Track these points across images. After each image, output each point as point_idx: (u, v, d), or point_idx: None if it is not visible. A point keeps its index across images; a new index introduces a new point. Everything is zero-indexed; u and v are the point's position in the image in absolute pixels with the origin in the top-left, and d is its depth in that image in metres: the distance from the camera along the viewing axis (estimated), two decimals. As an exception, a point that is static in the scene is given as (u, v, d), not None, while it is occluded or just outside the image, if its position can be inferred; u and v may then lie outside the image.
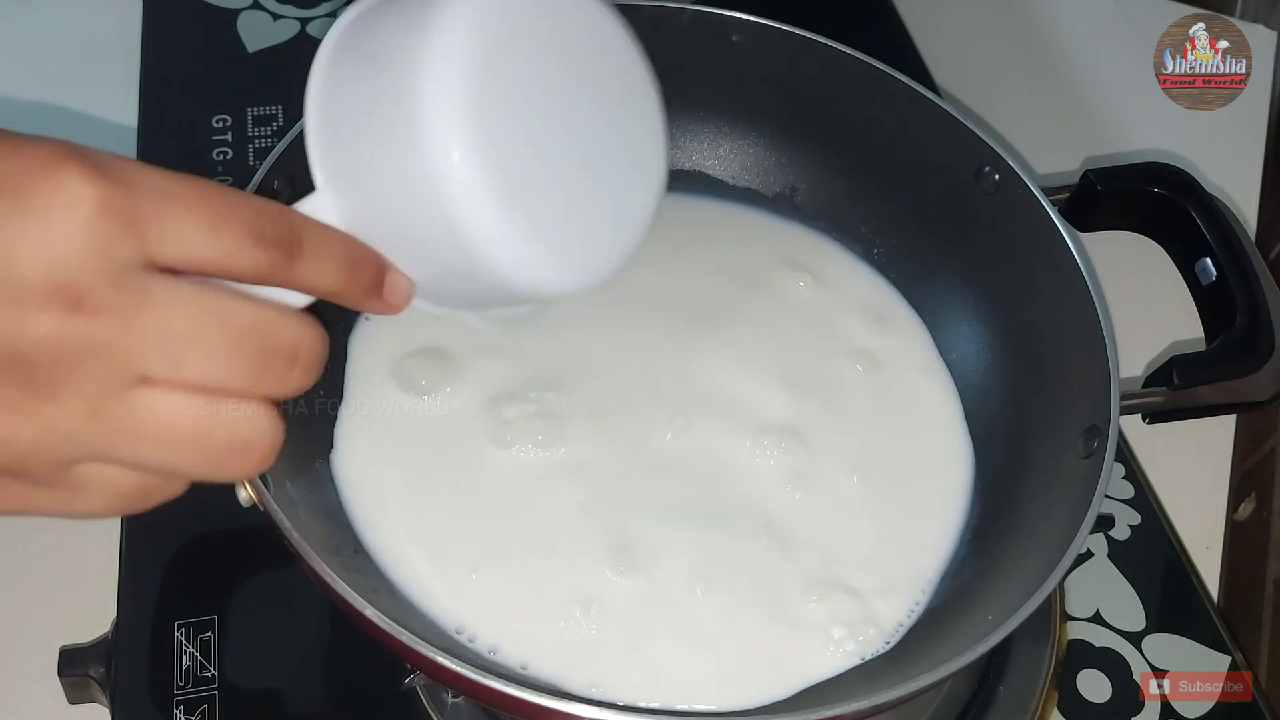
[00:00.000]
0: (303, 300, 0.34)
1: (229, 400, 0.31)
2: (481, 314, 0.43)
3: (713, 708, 0.45)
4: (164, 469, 0.31)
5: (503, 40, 0.35)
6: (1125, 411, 0.47)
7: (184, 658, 0.50)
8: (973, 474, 0.54)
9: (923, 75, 0.78)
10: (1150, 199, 0.54)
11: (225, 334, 0.30)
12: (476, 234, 0.34)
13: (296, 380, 0.32)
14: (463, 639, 0.46)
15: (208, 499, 0.41)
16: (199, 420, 0.30)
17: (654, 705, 0.45)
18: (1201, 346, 0.51)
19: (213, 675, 0.50)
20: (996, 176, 0.55)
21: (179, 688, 0.50)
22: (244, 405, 0.31)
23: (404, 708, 0.50)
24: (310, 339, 0.32)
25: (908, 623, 0.49)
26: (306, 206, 0.35)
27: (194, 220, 0.30)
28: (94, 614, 0.53)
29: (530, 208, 0.35)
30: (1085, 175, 0.55)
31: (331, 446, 0.51)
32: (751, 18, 0.58)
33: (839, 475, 0.53)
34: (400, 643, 0.39)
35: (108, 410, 0.29)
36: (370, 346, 0.54)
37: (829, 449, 0.53)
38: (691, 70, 0.61)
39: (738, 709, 0.45)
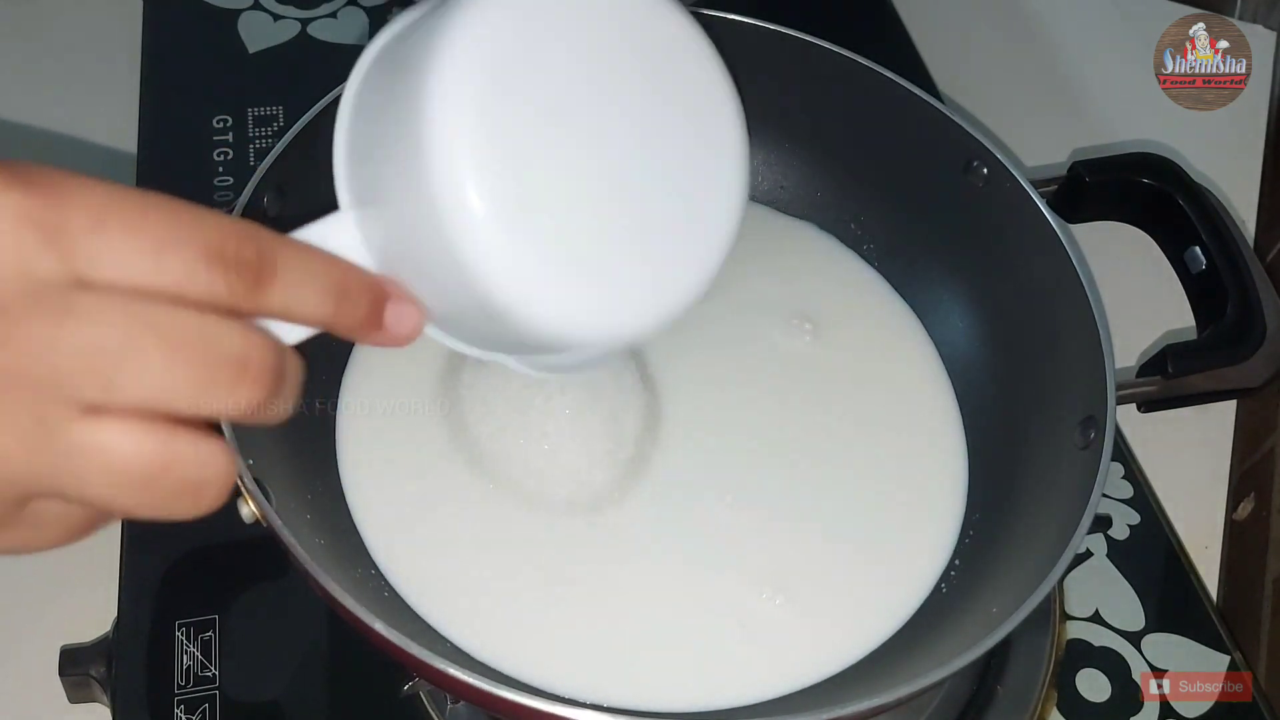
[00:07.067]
0: (296, 333, 0.31)
1: (178, 430, 0.28)
2: (519, 358, 0.38)
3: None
4: (113, 509, 0.29)
5: (527, 50, 0.32)
6: (1120, 401, 0.47)
7: (185, 657, 0.50)
8: (968, 468, 0.54)
9: (920, 71, 0.78)
10: (1138, 189, 0.55)
11: (160, 345, 0.27)
12: (478, 268, 0.31)
13: (248, 393, 0.28)
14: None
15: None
16: (147, 460, 0.27)
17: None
18: (1193, 334, 0.51)
19: (213, 675, 0.50)
20: (985, 170, 0.55)
21: (180, 687, 0.50)
22: (198, 443, 0.28)
23: (405, 710, 0.50)
24: (260, 347, 0.29)
25: (903, 619, 0.49)
26: (324, 227, 0.33)
27: (135, 240, 0.27)
28: (95, 614, 0.53)
29: (546, 244, 0.32)
30: (1073, 166, 0.55)
31: (335, 452, 0.51)
32: (734, 16, 0.58)
33: (828, 468, 0.53)
34: (414, 657, 0.38)
35: (48, 447, 0.27)
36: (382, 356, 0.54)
37: (817, 442, 0.53)
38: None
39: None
